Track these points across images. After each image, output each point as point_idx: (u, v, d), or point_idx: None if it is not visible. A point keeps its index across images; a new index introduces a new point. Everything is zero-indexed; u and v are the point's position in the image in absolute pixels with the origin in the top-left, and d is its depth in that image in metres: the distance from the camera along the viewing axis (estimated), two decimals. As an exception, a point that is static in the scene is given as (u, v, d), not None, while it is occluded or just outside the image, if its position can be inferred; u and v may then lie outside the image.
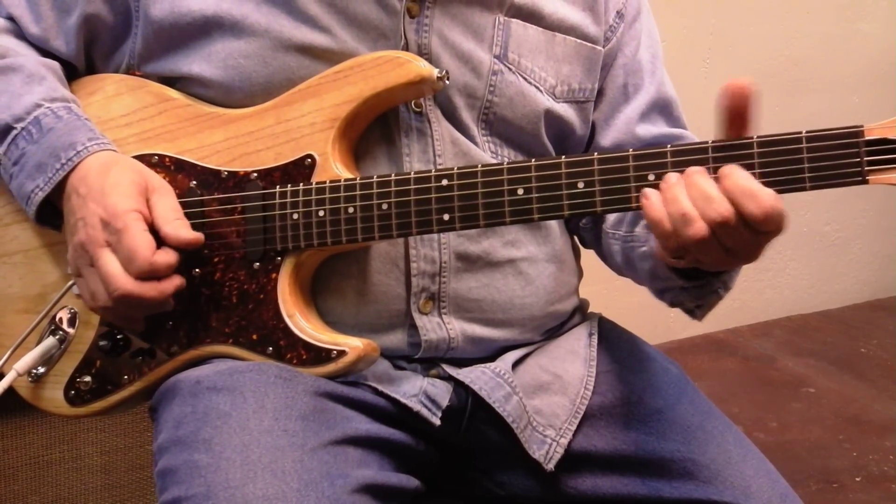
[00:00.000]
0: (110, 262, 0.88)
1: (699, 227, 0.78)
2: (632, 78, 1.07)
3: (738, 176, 0.78)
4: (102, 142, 0.95)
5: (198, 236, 0.92)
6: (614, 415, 0.99)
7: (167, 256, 0.89)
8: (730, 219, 0.77)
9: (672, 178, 0.80)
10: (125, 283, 0.87)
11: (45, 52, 1.03)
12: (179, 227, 0.90)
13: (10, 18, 1.03)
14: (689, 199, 0.79)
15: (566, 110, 1.02)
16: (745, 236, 0.79)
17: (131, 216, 0.88)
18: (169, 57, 0.98)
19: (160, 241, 0.89)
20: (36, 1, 1.01)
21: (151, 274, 0.88)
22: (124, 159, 0.95)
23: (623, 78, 1.07)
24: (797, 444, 2.20)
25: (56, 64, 1.02)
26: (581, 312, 1.12)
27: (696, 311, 0.99)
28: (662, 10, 1.12)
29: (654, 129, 1.07)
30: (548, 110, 1.00)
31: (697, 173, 0.80)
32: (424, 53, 0.94)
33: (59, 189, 0.93)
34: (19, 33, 1.03)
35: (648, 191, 0.81)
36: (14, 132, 0.95)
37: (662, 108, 1.09)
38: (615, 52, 1.06)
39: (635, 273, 1.05)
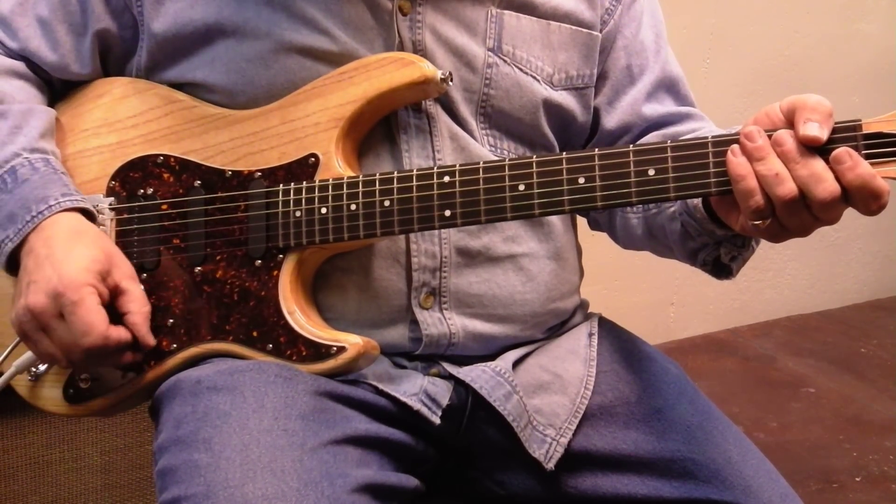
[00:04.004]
0: (65, 334, 0.89)
1: (790, 188, 0.78)
2: (636, 59, 1.07)
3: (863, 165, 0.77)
4: (76, 198, 0.95)
5: (147, 341, 0.93)
6: (614, 414, 1.00)
7: (120, 333, 0.90)
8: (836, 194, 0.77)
9: (755, 134, 0.80)
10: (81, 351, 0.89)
11: (63, 79, 1.03)
12: (145, 330, 0.93)
13: (20, 56, 1.03)
14: (779, 159, 0.78)
15: (565, 98, 1.03)
16: (840, 208, 0.79)
17: (86, 289, 0.89)
18: (173, 66, 0.99)
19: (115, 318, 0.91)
20: (52, 28, 1.01)
21: (103, 350, 0.89)
22: (93, 231, 0.95)
23: (626, 59, 1.07)
24: (797, 444, 2.20)
25: (52, 111, 1.02)
26: (582, 311, 1.12)
27: (732, 263, 0.97)
28: (662, 10, 1.12)
29: (661, 107, 1.07)
30: (546, 99, 1.00)
31: (787, 136, 0.79)
32: (419, 50, 0.95)
33: (24, 241, 0.93)
34: (23, 73, 1.03)
35: (735, 147, 0.80)
36: None
37: (669, 87, 1.09)
38: (614, 34, 1.06)
39: (660, 240, 1.03)
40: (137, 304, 0.92)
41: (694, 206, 0.93)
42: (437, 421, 0.93)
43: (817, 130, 0.77)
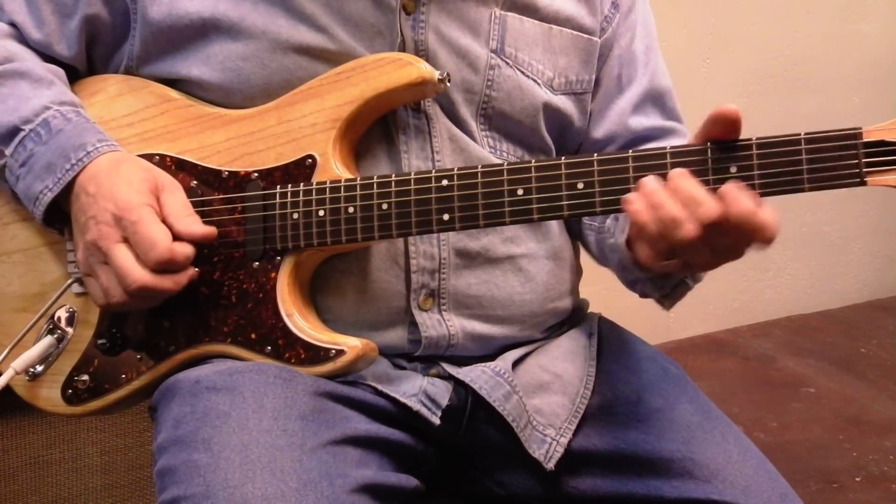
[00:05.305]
0: (125, 257, 0.88)
1: (689, 229, 0.78)
2: (626, 69, 1.07)
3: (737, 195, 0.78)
4: (111, 143, 0.95)
5: (210, 230, 0.92)
6: (614, 414, 0.99)
7: (185, 248, 0.89)
8: (720, 220, 0.77)
9: (651, 182, 0.81)
10: (141, 275, 0.88)
11: (48, 57, 1.03)
12: (191, 223, 0.91)
13: (12, 24, 1.03)
14: (676, 202, 0.79)
15: (564, 102, 1.03)
16: (732, 240, 0.80)
17: (144, 209, 0.89)
18: (167, 59, 0.98)
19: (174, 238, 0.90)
20: (38, 6, 1.01)
21: (170, 264, 0.88)
22: (133, 158, 0.95)
23: (618, 69, 1.07)
24: (797, 444, 2.20)
25: (61, 70, 1.02)
26: (581, 311, 1.12)
27: (664, 301, 1.00)
28: (662, 10, 1.13)
29: (647, 121, 1.08)
30: (546, 103, 1.01)
31: (681, 176, 0.80)
32: (421, 50, 0.94)
33: (67, 191, 0.93)
34: (22, 39, 1.03)
35: (632, 196, 0.81)
36: (22, 134, 0.95)
37: (656, 100, 1.09)
38: (611, 42, 1.06)
39: (608, 264, 1.05)
40: (175, 216, 0.91)
41: (622, 242, 0.94)
42: (437, 421, 0.93)
43: (730, 107, 0.79)
